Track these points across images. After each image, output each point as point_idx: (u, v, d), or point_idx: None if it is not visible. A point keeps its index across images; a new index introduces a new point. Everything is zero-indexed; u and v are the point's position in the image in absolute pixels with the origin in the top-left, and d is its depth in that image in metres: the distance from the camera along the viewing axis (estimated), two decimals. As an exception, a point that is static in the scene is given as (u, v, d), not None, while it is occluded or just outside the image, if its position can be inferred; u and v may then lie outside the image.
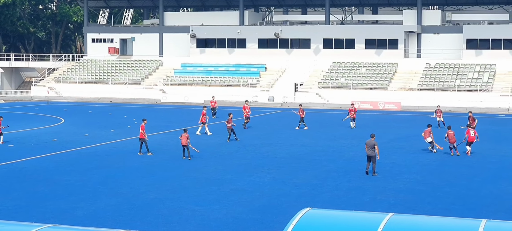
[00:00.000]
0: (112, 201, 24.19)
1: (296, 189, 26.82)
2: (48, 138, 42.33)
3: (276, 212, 22.86)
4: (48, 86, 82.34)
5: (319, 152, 36.97)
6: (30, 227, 12.23)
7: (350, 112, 49.84)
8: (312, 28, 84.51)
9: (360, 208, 22.88)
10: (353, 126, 49.48)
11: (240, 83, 77.86)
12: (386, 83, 73.65)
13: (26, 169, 30.89)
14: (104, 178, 28.75)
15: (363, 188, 27.02)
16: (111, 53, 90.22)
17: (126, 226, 20.43)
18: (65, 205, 23.61)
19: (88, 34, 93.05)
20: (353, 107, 50.08)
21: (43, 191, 25.92)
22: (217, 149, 38.09)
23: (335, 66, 78.91)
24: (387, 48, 79.30)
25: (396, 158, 34.95)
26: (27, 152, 36.14)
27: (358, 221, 12.68)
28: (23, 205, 23.56)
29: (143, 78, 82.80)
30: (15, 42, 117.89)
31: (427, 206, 23.86)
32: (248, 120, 49.63)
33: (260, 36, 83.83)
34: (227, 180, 28.52)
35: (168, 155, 35.63)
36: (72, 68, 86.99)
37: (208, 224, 21.15)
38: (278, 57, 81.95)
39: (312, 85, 75.29)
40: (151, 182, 27.85)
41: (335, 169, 31.60)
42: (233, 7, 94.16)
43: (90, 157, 34.59)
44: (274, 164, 32.71)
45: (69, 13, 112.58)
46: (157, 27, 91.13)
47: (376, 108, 68.68)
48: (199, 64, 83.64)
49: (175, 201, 24.22)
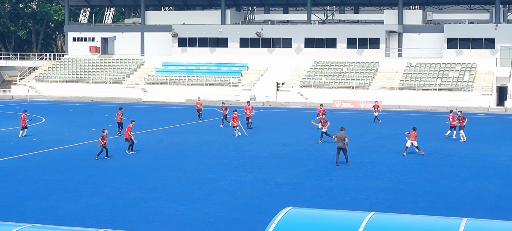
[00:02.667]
0: (94, 201, 24.11)
1: (278, 188, 26.86)
2: (28, 137, 42.10)
3: (258, 211, 22.89)
4: (28, 85, 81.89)
5: (301, 151, 37.03)
6: (11, 227, 12.17)
7: (319, 113, 48.28)
8: (294, 27, 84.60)
9: (342, 207, 22.97)
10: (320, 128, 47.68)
11: (222, 82, 77.82)
12: (367, 82, 73.89)
13: (7, 168, 30.72)
14: (85, 177, 28.65)
15: (344, 187, 27.12)
16: (92, 52, 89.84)
17: (107, 226, 20.38)
18: (45, 204, 23.51)
19: (69, 33, 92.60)
20: (321, 108, 48.59)
21: (24, 190, 25.79)
22: (199, 148, 38.05)
23: (316, 65, 79.05)
24: (369, 48, 79.54)
25: (377, 157, 35.08)
26: (8, 151, 35.94)
27: (339, 220, 12.74)
28: (3, 205, 23.44)
29: (124, 77, 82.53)
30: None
31: (408, 205, 23.99)
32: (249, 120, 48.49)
33: (242, 35, 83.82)
34: (209, 179, 28.52)
35: (150, 154, 35.56)
36: (53, 67, 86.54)
37: (190, 224, 21.15)
38: (259, 56, 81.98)
39: (294, 85, 75.39)
40: (132, 181, 27.79)
41: (316, 168, 31.67)
42: (215, 6, 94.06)
43: (71, 156, 34.45)
44: (256, 163, 32.74)
45: (50, 11, 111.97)
46: (139, 26, 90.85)
47: (357, 107, 68.88)
48: (180, 64, 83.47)
49: (157, 200, 24.18)
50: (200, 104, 55.00)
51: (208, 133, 44.43)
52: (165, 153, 36.22)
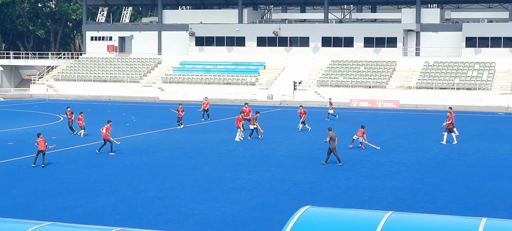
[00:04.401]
0: (111, 199, 24.19)
1: (295, 187, 26.83)
2: (47, 136, 42.24)
3: (275, 210, 22.87)
4: (47, 84, 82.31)
5: (318, 150, 36.94)
6: (30, 224, 12.23)
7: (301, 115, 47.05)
8: (311, 26, 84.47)
9: (359, 206, 22.89)
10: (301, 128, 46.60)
11: (239, 81, 77.83)
12: (384, 81, 73.65)
13: (26, 166, 30.89)
14: (103, 176, 28.75)
15: (361, 186, 27.04)
16: (109, 51, 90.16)
17: (125, 224, 20.43)
18: (64, 203, 23.62)
19: (87, 32, 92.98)
20: (302, 109, 47.99)
21: (43, 189, 25.92)
22: (216, 147, 38.08)
23: (333, 64, 78.91)
24: (386, 47, 79.29)
25: (394, 157, 34.95)
26: (27, 149, 36.12)
27: (357, 219, 12.69)
28: (23, 203, 23.57)
29: (141, 76, 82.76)
30: (15, 40, 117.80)
31: (426, 205, 23.88)
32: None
33: (259, 34, 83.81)
34: (226, 178, 28.53)
35: (167, 153, 35.63)
36: (71, 66, 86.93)
37: (207, 222, 21.16)
38: (277, 55, 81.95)
39: (311, 84, 75.29)
40: (150, 180, 27.85)
41: (333, 167, 31.59)
42: (232, 5, 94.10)
43: (89, 155, 34.59)
44: (273, 162, 32.71)
45: (68, 11, 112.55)
46: (156, 25, 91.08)
47: (374, 106, 68.69)
48: (198, 63, 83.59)
49: (174, 199, 24.22)
50: (206, 104, 54.42)
51: (225, 132, 44.44)
52: (183, 152, 36.28)
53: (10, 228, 12.49)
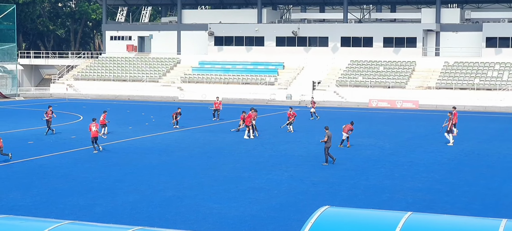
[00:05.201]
0: (130, 198, 24.28)
1: (314, 187, 26.80)
2: (67, 135, 42.55)
3: (294, 210, 22.85)
4: (67, 83, 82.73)
5: (337, 150, 36.85)
6: (50, 223, 12.31)
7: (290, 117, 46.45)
8: (330, 26, 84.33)
9: (378, 207, 22.82)
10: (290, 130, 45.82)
11: (258, 81, 77.85)
12: (404, 81, 73.38)
13: (45, 165, 31.08)
14: (122, 175, 28.86)
15: (380, 186, 26.96)
16: (129, 50, 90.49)
17: (144, 223, 20.49)
18: (83, 201, 23.73)
19: (106, 32, 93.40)
20: (291, 111, 47.65)
21: (62, 187, 26.06)
22: (235, 146, 38.11)
23: (353, 64, 78.73)
24: (405, 47, 79.00)
25: (414, 157, 34.81)
26: (47, 148, 36.35)
27: (376, 220, 12.65)
28: (43, 201, 23.71)
29: (161, 75, 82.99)
30: (35, 39, 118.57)
31: (445, 205, 23.76)
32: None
33: (278, 34, 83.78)
34: (245, 178, 28.54)
35: (186, 153, 35.70)
36: (90, 66, 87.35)
37: (226, 222, 21.18)
38: (296, 55, 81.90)
39: (330, 84, 75.17)
40: (169, 179, 27.92)
41: (352, 167, 31.53)
42: (251, 5, 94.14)
43: (108, 154, 34.72)
44: (292, 162, 32.69)
45: (88, 11, 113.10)
46: (175, 25, 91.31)
47: (394, 106, 68.47)
48: (217, 62, 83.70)
49: (193, 199, 24.26)
50: (218, 104, 54.45)
51: (244, 132, 44.43)
52: (201, 151, 36.33)
53: (30, 227, 12.58)
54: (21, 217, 14.91)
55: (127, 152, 35.48)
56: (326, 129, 32.66)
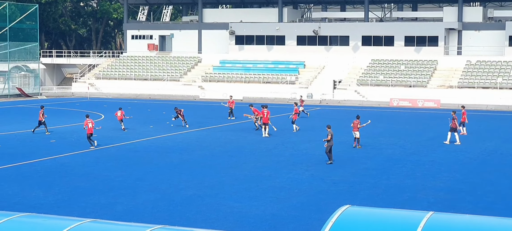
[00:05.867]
0: (151, 197, 24.35)
1: (335, 186, 26.74)
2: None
3: (315, 209, 22.82)
4: (88, 82, 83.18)
5: (358, 149, 36.81)
6: (72, 221, 12.38)
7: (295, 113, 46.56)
8: (351, 25, 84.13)
9: (399, 206, 22.70)
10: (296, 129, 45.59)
11: (279, 80, 77.83)
12: (425, 80, 73.02)
13: (67, 164, 31.26)
14: (143, 174, 28.95)
15: (402, 186, 26.84)
16: (150, 49, 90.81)
17: (165, 222, 20.52)
18: (105, 200, 23.84)
19: (127, 31, 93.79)
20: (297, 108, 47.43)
21: (84, 186, 26.20)
22: (256, 145, 38.11)
23: (374, 63, 78.48)
24: (427, 46, 78.60)
25: (435, 157, 34.63)
26: (68, 147, 36.56)
27: (397, 219, 12.58)
28: (65, 200, 23.85)
29: (182, 74, 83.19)
30: (57, 39, 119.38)
31: (468, 205, 23.60)
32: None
33: (299, 33, 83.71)
34: (266, 176, 28.53)
35: (207, 152, 35.75)
36: (111, 65, 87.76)
37: (246, 221, 21.19)
38: (317, 54, 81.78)
39: (351, 83, 74.97)
40: (189, 178, 27.97)
41: (373, 166, 31.43)
42: (272, 4, 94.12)
43: (129, 153, 34.86)
44: (313, 161, 32.64)
45: (109, 10, 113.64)
46: (196, 24, 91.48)
47: (415, 106, 68.16)
48: (237, 61, 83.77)
49: (214, 198, 24.29)
50: (232, 102, 54.34)
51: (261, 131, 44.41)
52: (222, 150, 36.37)
53: (52, 225, 12.65)
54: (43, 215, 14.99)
55: (148, 151, 35.60)
56: (328, 127, 32.62)
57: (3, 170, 29.53)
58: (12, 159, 32.30)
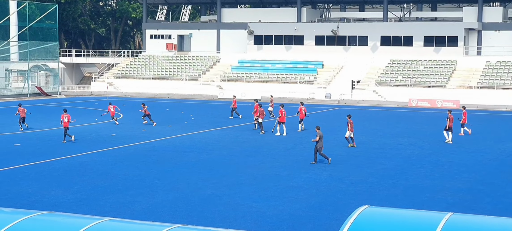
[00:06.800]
0: (170, 196, 24.39)
1: (353, 186, 26.67)
2: (107, 133, 42.94)
3: (333, 209, 22.77)
4: (107, 81, 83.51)
5: (376, 150, 36.70)
6: (90, 220, 12.42)
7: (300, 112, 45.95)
8: (370, 25, 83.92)
9: (418, 207, 22.59)
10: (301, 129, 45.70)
11: (297, 80, 77.77)
12: (444, 81, 72.69)
13: (86, 163, 31.39)
14: (161, 173, 29.01)
15: (420, 186, 26.72)
16: (169, 49, 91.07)
17: (183, 221, 20.56)
18: (123, 199, 23.91)
19: (146, 31, 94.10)
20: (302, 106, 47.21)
21: (102, 185, 26.29)
22: (274, 145, 38.09)
23: (392, 63, 78.23)
24: (446, 46, 78.26)
25: (454, 157, 34.45)
26: (87, 146, 36.72)
27: (416, 220, 12.53)
28: (83, 198, 23.95)
29: (200, 74, 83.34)
30: (76, 38, 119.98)
31: (487, 206, 23.45)
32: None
33: (318, 33, 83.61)
34: (284, 176, 28.51)
35: (225, 151, 35.78)
36: (130, 64, 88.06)
37: (264, 221, 21.18)
38: (335, 54, 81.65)
39: (369, 83, 74.79)
40: (208, 177, 28.00)
41: (392, 167, 31.32)
42: (291, 4, 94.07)
43: (148, 152, 34.96)
44: (331, 161, 32.56)
45: (128, 9, 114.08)
46: (215, 24, 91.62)
47: (434, 106, 67.85)
48: (256, 61, 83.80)
49: (232, 197, 24.30)
50: (235, 102, 54.55)
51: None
52: (240, 150, 36.39)
53: (71, 223, 12.70)
54: (62, 213, 15.06)
55: (166, 150, 35.69)
56: (317, 129, 32.47)
57: (22, 168, 29.72)
58: (32, 158, 32.49)
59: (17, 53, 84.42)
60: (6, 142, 38.17)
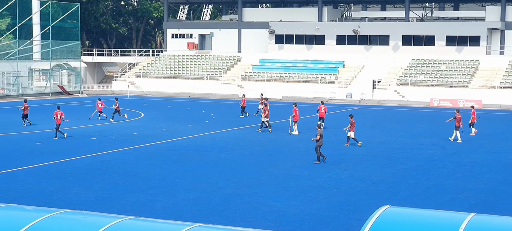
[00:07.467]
0: (191, 195, 24.44)
1: (374, 186, 26.58)
2: (128, 132, 43.10)
3: (354, 209, 22.70)
4: (128, 81, 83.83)
5: (397, 150, 36.56)
6: (112, 218, 12.47)
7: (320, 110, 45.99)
8: (391, 24, 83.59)
9: (440, 208, 22.48)
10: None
11: (318, 79, 77.63)
12: (466, 81, 72.23)
13: (107, 161, 31.52)
14: (182, 172, 29.08)
15: (442, 187, 26.58)
16: (190, 48, 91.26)
17: (204, 220, 20.57)
18: (144, 198, 23.99)
19: (167, 30, 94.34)
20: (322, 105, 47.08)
21: (124, 183, 26.39)
22: (294, 144, 38.05)
23: (414, 63, 77.87)
24: (468, 45, 77.75)
25: (476, 157, 34.24)
26: (108, 145, 36.88)
27: (438, 220, 12.45)
28: (105, 197, 24.05)
29: (221, 73, 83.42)
30: (98, 37, 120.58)
31: (509, 207, 23.28)
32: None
33: (339, 32, 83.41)
34: (305, 176, 28.47)
35: (246, 150, 35.79)
36: (151, 63, 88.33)
37: (285, 220, 21.16)
38: (356, 54, 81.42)
39: (391, 82, 74.49)
40: (229, 177, 28.02)
41: (413, 167, 31.18)
42: (312, 3, 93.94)
43: (169, 151, 35.05)
44: (352, 161, 32.50)
45: (149, 9, 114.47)
46: (236, 23, 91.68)
47: (456, 106, 67.41)
48: (277, 60, 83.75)
49: (253, 197, 24.30)
50: (244, 101, 54.79)
51: (304, 130, 44.33)
52: (261, 149, 36.38)
53: (93, 222, 12.76)
54: (84, 212, 15.14)
55: (188, 149, 35.76)
56: (318, 127, 32.58)
57: (45, 167, 29.91)
58: (54, 156, 32.69)
59: (39, 52, 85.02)
60: (28, 141, 38.44)
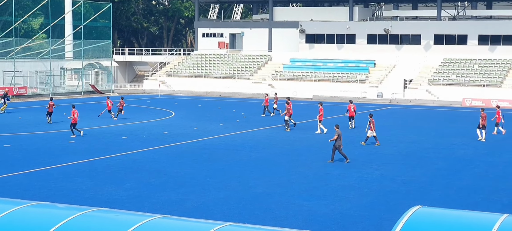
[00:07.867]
0: (221, 194, 24.48)
1: (405, 186, 26.42)
2: (159, 131, 43.30)
3: (384, 209, 22.59)
4: (159, 80, 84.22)
5: (429, 149, 36.30)
6: (143, 217, 12.53)
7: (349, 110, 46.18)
8: (423, 23, 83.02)
9: (472, 208, 22.28)
10: (352, 126, 46.02)
11: (349, 79, 77.35)
12: (500, 80, 71.50)
13: (139, 160, 31.70)
14: (213, 171, 29.14)
15: (474, 187, 26.34)
16: (220, 47, 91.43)
17: (234, 219, 20.61)
18: (175, 196, 24.08)
19: (198, 29, 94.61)
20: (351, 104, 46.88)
21: (155, 182, 26.52)
22: (325, 144, 37.93)
23: (446, 62, 77.26)
24: (502, 44, 76.97)
25: (509, 157, 33.88)
26: (140, 144, 37.08)
27: (470, 221, 12.34)
28: (136, 195, 24.19)
29: (252, 73, 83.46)
30: (129, 37, 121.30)
31: (542, 208, 23.02)
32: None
33: (370, 32, 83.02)
34: (335, 175, 28.39)
35: (277, 150, 35.78)
36: (182, 63, 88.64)
37: (315, 220, 21.12)
38: (387, 53, 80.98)
39: (422, 82, 73.98)
40: (259, 176, 28.03)
41: (445, 167, 30.94)
42: (343, 2, 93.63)
43: (199, 150, 35.15)
44: (382, 161, 32.34)
45: (180, 8, 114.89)
46: (267, 22, 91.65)
47: (489, 106, 66.74)
48: (308, 60, 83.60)
49: (283, 196, 24.29)
50: (267, 100, 54.88)
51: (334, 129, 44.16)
52: (291, 148, 36.35)
53: (124, 220, 12.83)
54: (115, 210, 15.23)
55: (218, 148, 35.83)
56: (337, 127, 32.31)
57: (77, 165, 30.16)
58: (86, 155, 32.96)
59: (71, 51, 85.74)
60: (61, 139, 38.79)
